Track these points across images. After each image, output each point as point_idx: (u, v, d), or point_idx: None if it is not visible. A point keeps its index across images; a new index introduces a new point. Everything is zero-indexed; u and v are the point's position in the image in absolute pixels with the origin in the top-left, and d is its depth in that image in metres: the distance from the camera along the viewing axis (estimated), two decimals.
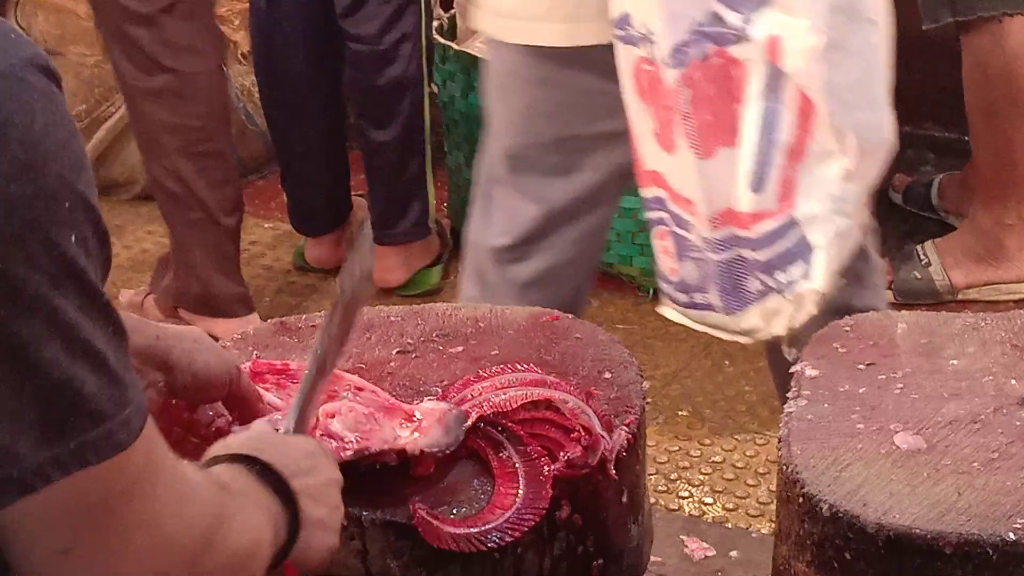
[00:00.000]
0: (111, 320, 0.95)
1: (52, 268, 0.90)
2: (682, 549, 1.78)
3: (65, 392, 0.91)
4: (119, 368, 0.95)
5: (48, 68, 0.92)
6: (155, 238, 3.69)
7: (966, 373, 1.57)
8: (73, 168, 0.91)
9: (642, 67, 1.95)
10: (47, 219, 0.89)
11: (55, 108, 0.91)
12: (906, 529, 1.32)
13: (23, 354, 0.89)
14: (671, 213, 2.00)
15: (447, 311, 1.72)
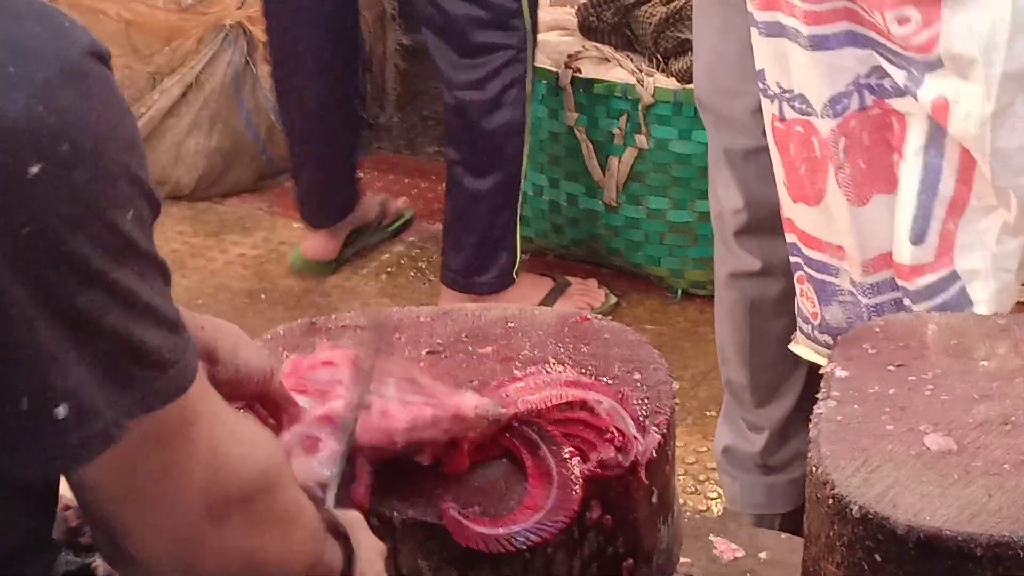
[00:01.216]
0: (163, 274, 1.04)
1: (113, 245, 0.97)
2: (711, 550, 1.78)
3: (130, 351, 0.99)
4: (173, 317, 1.03)
5: (102, 54, 0.98)
6: (184, 238, 3.70)
7: (997, 374, 1.56)
8: (127, 148, 0.99)
9: (775, 124, 1.99)
10: (107, 201, 0.97)
11: (110, 91, 0.98)
12: (936, 531, 1.32)
13: (90, 323, 0.97)
14: (807, 258, 2.03)
15: (476, 312, 1.72)
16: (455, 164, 3.20)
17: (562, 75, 3.36)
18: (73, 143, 0.94)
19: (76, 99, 0.95)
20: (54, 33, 0.96)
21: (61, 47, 0.95)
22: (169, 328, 1.03)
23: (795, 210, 2.05)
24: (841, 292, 2.04)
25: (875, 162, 1.96)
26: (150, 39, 3.80)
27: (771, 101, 2.01)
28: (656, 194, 3.34)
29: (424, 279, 3.49)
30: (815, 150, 1.98)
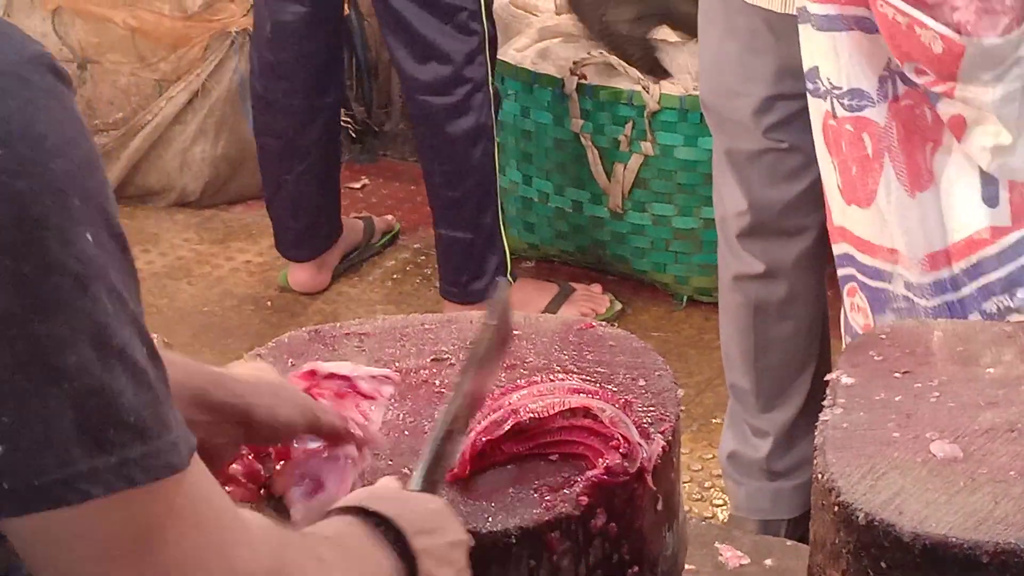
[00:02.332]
0: (143, 336, 0.89)
1: (69, 265, 0.84)
2: (716, 557, 1.78)
3: (100, 399, 0.85)
4: (160, 389, 0.89)
5: (54, 67, 0.89)
6: (190, 245, 3.70)
7: (1003, 381, 1.56)
8: (82, 166, 0.87)
9: (828, 121, 1.98)
10: (57, 215, 0.84)
11: (60, 105, 0.87)
12: (942, 538, 1.31)
13: (48, 359, 0.84)
14: (861, 266, 2.03)
15: (481, 319, 1.72)
16: (427, 174, 3.21)
17: (567, 82, 3.36)
18: (9, 150, 0.84)
19: (18, 107, 0.85)
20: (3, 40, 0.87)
21: (8, 54, 0.87)
22: (152, 395, 0.88)
23: (848, 214, 2.04)
24: (895, 299, 2.03)
25: (914, 155, 1.97)
26: (156, 46, 3.80)
27: (823, 99, 2.00)
28: (661, 201, 3.34)
29: (429, 286, 3.49)
30: (866, 148, 1.98)
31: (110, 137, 3.82)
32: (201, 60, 3.80)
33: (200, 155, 3.85)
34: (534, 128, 3.43)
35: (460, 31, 3.08)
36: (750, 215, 2.31)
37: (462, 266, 3.20)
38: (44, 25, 3.84)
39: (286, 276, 3.49)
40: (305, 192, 3.36)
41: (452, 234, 3.20)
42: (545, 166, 3.45)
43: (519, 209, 3.49)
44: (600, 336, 1.67)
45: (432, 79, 3.11)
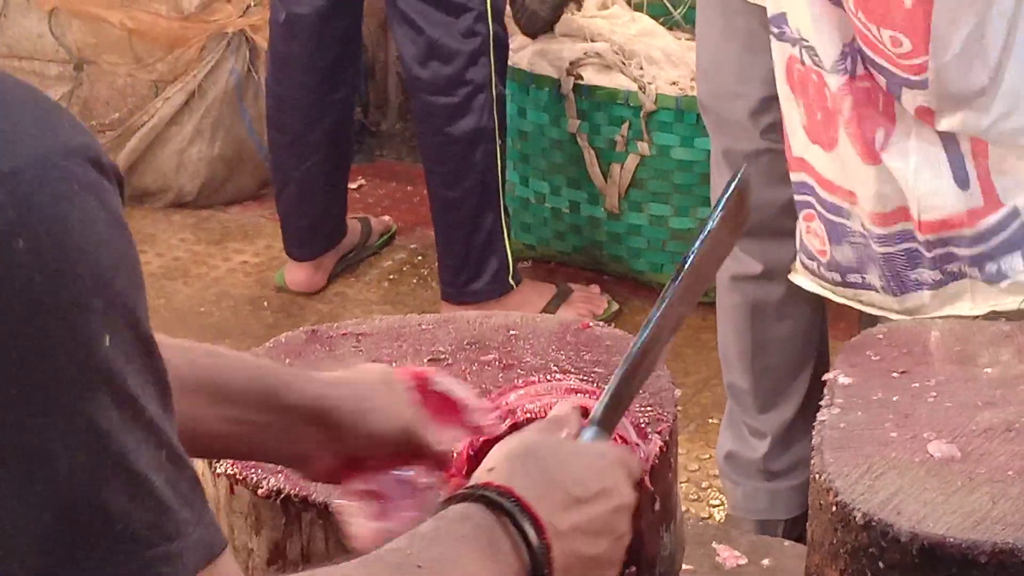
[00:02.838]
0: (163, 443, 0.85)
1: (78, 368, 0.81)
2: (714, 557, 1.78)
3: (85, 506, 0.81)
4: (168, 495, 0.84)
5: (99, 160, 0.84)
6: (187, 246, 3.70)
7: (1000, 381, 1.56)
8: (111, 267, 0.83)
9: (795, 66, 1.99)
10: (74, 315, 0.81)
11: (97, 202, 0.83)
12: (940, 538, 1.31)
13: (37, 459, 0.80)
14: (820, 199, 2.04)
15: (478, 319, 1.72)
16: (428, 173, 3.21)
17: (564, 82, 3.36)
18: (33, 244, 0.80)
19: (49, 199, 0.81)
20: (44, 128, 0.83)
21: (45, 142, 0.83)
22: (154, 503, 0.83)
23: (811, 151, 2.06)
24: (853, 234, 2.06)
25: (864, 132, 1.98)
26: (153, 47, 3.80)
27: (791, 45, 2.01)
28: (658, 201, 3.34)
29: (426, 286, 3.49)
30: (828, 101, 1.99)
31: (106, 138, 3.82)
32: (197, 61, 3.80)
33: (197, 156, 3.85)
34: (531, 128, 3.43)
35: (464, 32, 3.08)
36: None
37: (460, 267, 3.20)
38: (41, 26, 3.84)
39: (282, 276, 3.49)
40: (311, 189, 3.37)
41: (450, 234, 3.20)
42: (542, 166, 3.45)
43: (516, 209, 3.49)
44: (597, 336, 1.67)
45: (434, 78, 3.11)
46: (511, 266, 3.23)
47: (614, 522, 1.14)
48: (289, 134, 3.33)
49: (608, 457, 1.17)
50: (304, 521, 1.38)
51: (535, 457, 1.14)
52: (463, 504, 1.09)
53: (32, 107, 0.84)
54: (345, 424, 1.23)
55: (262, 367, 1.24)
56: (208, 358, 1.21)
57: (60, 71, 3.86)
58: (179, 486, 0.85)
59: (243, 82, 3.84)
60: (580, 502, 1.12)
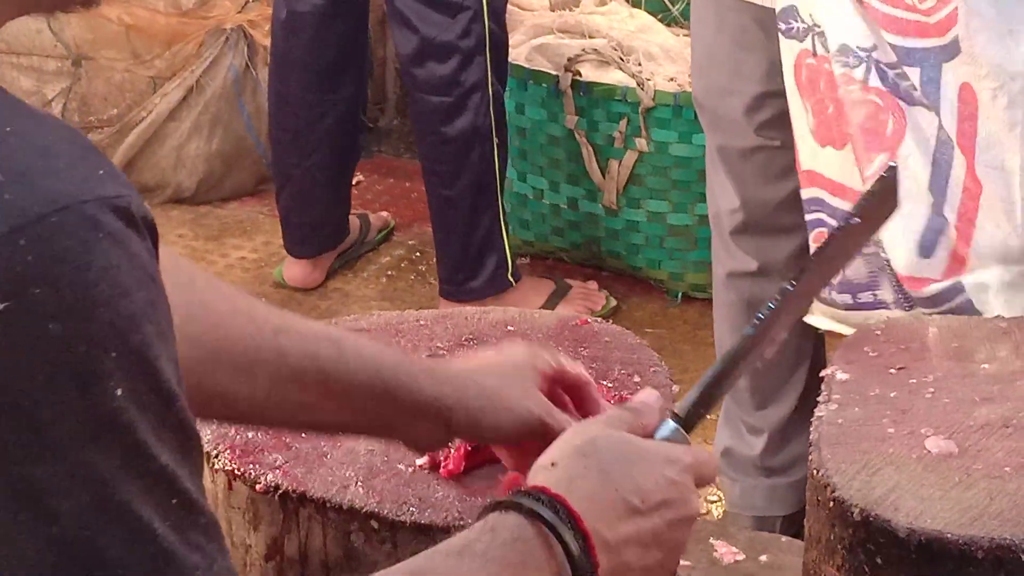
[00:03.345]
0: (170, 489, 0.85)
1: (86, 417, 0.81)
2: (712, 553, 1.78)
3: (85, 551, 0.82)
4: (173, 542, 0.84)
5: (127, 211, 0.84)
6: (185, 242, 3.70)
7: (998, 377, 1.56)
8: (132, 319, 0.82)
9: (804, 60, 1.97)
10: (87, 365, 0.81)
11: (123, 252, 0.82)
12: (938, 534, 1.31)
13: (40, 500, 0.81)
14: (832, 209, 2.01)
15: (476, 315, 1.72)
16: (425, 172, 3.20)
17: (562, 78, 3.36)
18: (52, 291, 0.80)
19: (71, 246, 0.81)
20: (75, 174, 0.83)
21: (76, 189, 0.82)
22: (155, 550, 0.83)
23: (820, 157, 2.02)
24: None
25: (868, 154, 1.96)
26: (151, 43, 3.80)
27: (800, 40, 1.99)
28: (656, 197, 3.34)
29: (424, 282, 3.49)
30: (839, 91, 1.97)
31: (104, 134, 3.82)
32: (196, 57, 3.80)
33: (195, 152, 3.85)
34: (529, 125, 3.43)
35: (460, 31, 3.08)
36: (743, 212, 2.31)
37: (459, 265, 3.20)
38: (39, 21, 3.84)
39: (281, 272, 3.49)
40: (312, 188, 3.36)
41: (449, 233, 3.20)
42: (540, 163, 3.45)
43: (514, 206, 3.49)
44: (595, 332, 1.67)
45: (429, 77, 3.11)
46: (510, 263, 3.23)
47: (672, 533, 1.11)
48: (290, 132, 3.33)
49: (679, 464, 1.14)
50: (302, 517, 1.38)
51: (598, 457, 1.11)
52: (515, 520, 1.07)
53: (68, 153, 0.84)
54: (460, 423, 1.24)
55: (382, 362, 1.24)
56: (332, 353, 1.22)
57: (58, 67, 3.86)
58: (189, 533, 0.85)
59: (241, 78, 3.84)
60: (637, 513, 1.09)
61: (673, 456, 1.14)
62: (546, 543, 1.06)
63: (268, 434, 1.45)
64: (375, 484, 1.40)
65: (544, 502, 1.07)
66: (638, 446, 1.14)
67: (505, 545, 1.05)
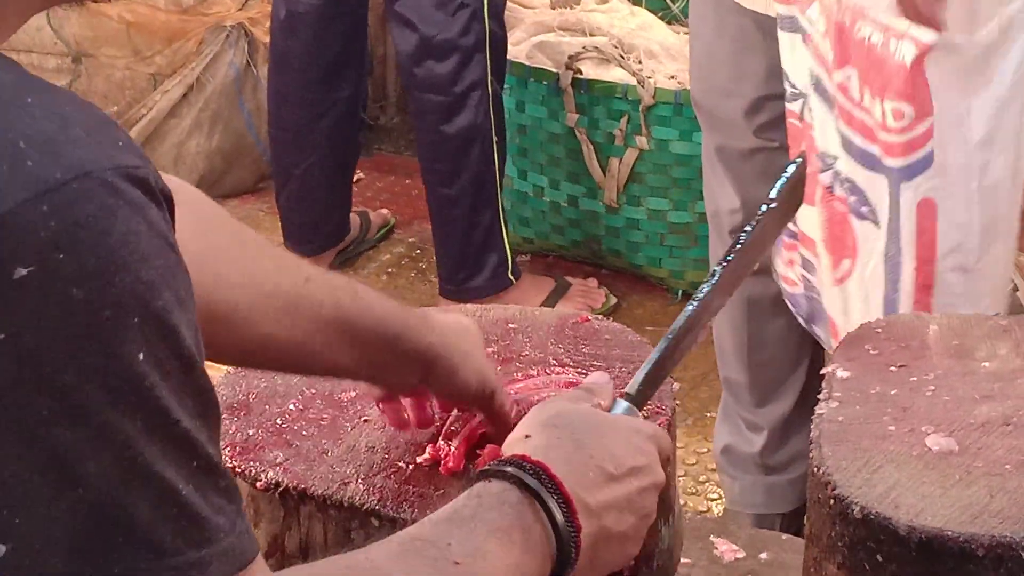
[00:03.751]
0: (192, 452, 0.86)
1: (110, 381, 0.83)
2: (712, 551, 1.78)
3: (113, 512, 0.83)
4: (198, 503, 0.86)
5: (145, 181, 0.85)
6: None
7: (998, 375, 1.56)
8: (152, 285, 0.84)
9: (790, 120, 1.99)
10: (110, 330, 0.82)
11: (142, 220, 0.84)
12: (938, 531, 1.31)
13: (64, 462, 0.82)
14: (800, 252, 2.05)
15: (477, 312, 1.72)
16: (424, 170, 3.20)
17: (563, 76, 3.36)
18: (74, 256, 0.81)
19: (93, 212, 0.82)
20: (94, 144, 0.84)
21: (96, 157, 0.83)
22: (180, 511, 0.85)
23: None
24: (813, 289, 2.05)
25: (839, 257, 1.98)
26: (151, 40, 3.80)
27: (794, 101, 2.01)
28: (656, 195, 3.34)
29: (424, 280, 3.49)
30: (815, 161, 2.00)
31: None
32: (196, 54, 3.80)
33: (195, 149, 3.85)
34: (529, 122, 3.43)
35: (460, 29, 3.08)
36: (743, 212, 2.31)
37: (459, 264, 3.20)
38: (39, 18, 3.84)
39: None
40: (312, 187, 3.36)
41: (449, 232, 3.19)
42: (540, 160, 3.45)
43: (514, 203, 3.49)
44: (596, 330, 1.67)
45: (429, 76, 3.11)
46: (510, 261, 3.23)
47: (643, 500, 1.17)
48: (290, 131, 3.33)
49: (642, 433, 1.20)
50: (302, 514, 1.38)
51: (570, 428, 1.16)
52: (500, 486, 1.11)
53: (86, 123, 0.85)
54: (439, 374, 1.31)
55: (389, 310, 1.32)
56: (350, 300, 1.29)
57: (58, 64, 3.86)
58: (211, 495, 0.87)
59: (242, 75, 3.84)
60: (613, 479, 1.14)
61: (637, 426, 1.21)
62: (532, 508, 1.10)
63: (268, 431, 1.45)
64: (375, 481, 1.40)
65: (527, 469, 1.11)
66: (604, 417, 1.21)
67: (491, 509, 1.09)
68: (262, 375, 1.57)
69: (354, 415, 1.51)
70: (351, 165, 3.46)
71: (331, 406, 1.53)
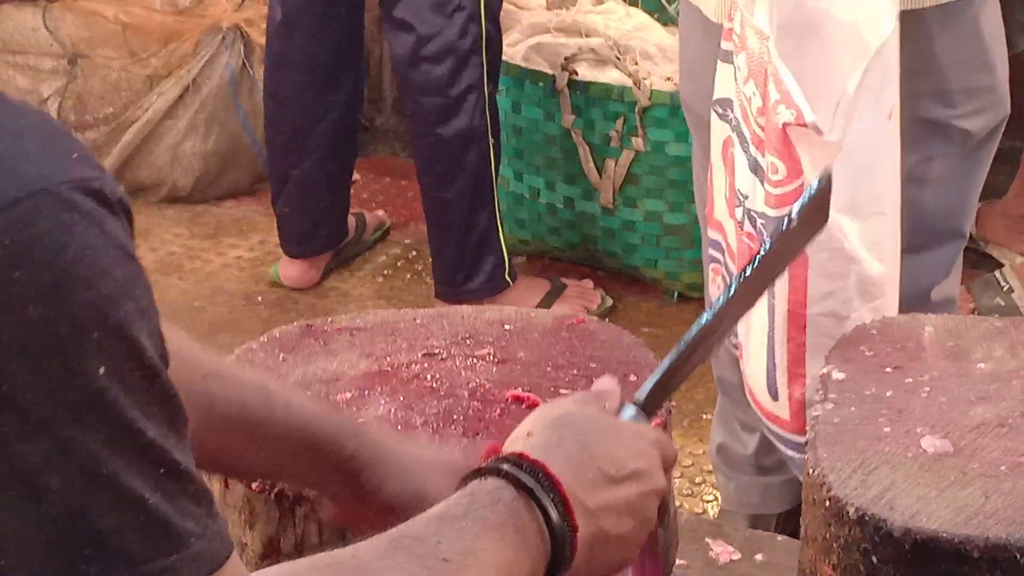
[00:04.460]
0: (158, 460, 0.87)
1: (71, 396, 0.83)
2: (707, 552, 1.78)
3: (78, 524, 0.84)
4: (166, 510, 0.86)
5: (100, 193, 0.85)
6: (181, 240, 3.70)
7: (994, 376, 1.56)
8: (111, 298, 0.84)
9: (729, 145, 2.00)
10: (69, 346, 0.83)
11: (99, 232, 0.84)
12: (933, 533, 1.31)
13: (30, 478, 0.83)
14: (727, 264, 2.05)
15: (473, 314, 1.72)
16: (421, 174, 3.20)
17: (558, 77, 3.36)
18: (30, 274, 0.81)
19: (48, 229, 0.82)
20: (48, 157, 0.84)
21: (48, 172, 0.83)
22: (148, 519, 0.86)
23: (728, 223, 2.06)
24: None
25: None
26: (147, 41, 3.80)
27: (731, 127, 2.03)
28: (653, 197, 3.34)
29: (420, 281, 3.49)
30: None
31: (100, 132, 3.82)
32: (192, 55, 3.80)
33: (191, 150, 3.85)
34: (525, 124, 3.43)
35: (457, 32, 3.08)
36: None
37: (456, 266, 3.20)
38: (35, 20, 3.83)
39: (277, 271, 3.49)
40: (309, 189, 3.36)
41: (445, 234, 3.19)
42: (536, 162, 3.45)
43: (510, 205, 3.49)
44: (592, 331, 1.67)
45: (425, 79, 3.10)
46: (507, 263, 3.23)
47: (643, 504, 1.14)
48: (287, 133, 3.33)
49: (647, 438, 1.17)
50: (298, 516, 1.38)
51: (573, 428, 1.14)
52: (495, 483, 1.09)
53: (40, 136, 0.85)
54: (365, 491, 1.27)
55: (309, 415, 1.27)
56: (261, 402, 1.25)
57: (54, 65, 3.85)
58: (180, 500, 0.87)
59: (238, 77, 3.84)
60: (613, 481, 1.12)
61: (641, 432, 1.18)
62: (527, 506, 1.08)
63: None
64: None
65: (524, 467, 1.09)
66: (609, 420, 1.18)
67: (485, 507, 1.07)
68: None
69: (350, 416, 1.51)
70: (349, 167, 3.46)
71: None
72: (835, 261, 1.88)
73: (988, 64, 2.08)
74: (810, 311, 1.90)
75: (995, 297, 3.18)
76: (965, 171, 2.11)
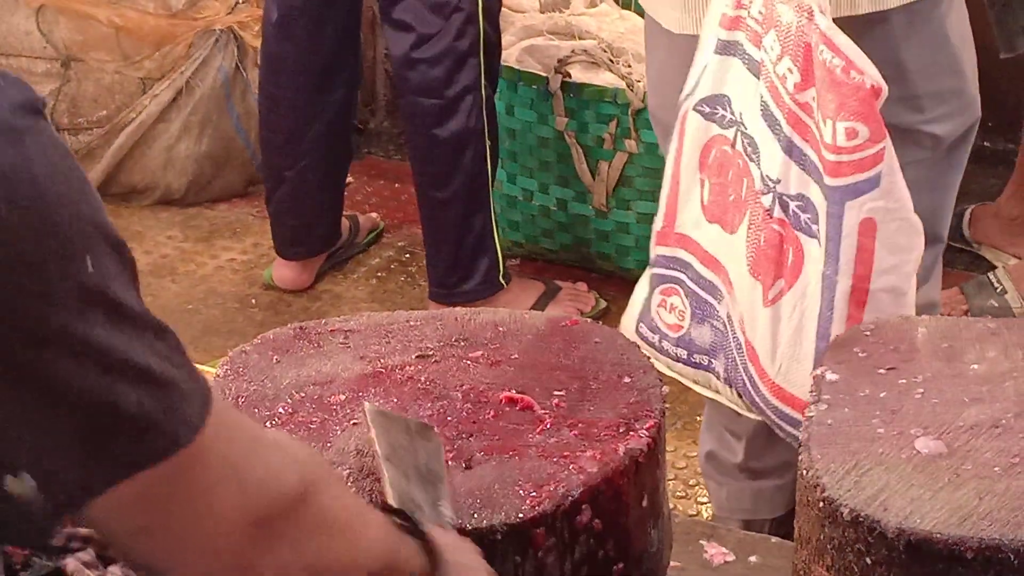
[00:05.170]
0: (147, 325, 0.97)
1: (73, 299, 0.91)
2: (701, 554, 1.78)
3: (107, 413, 0.93)
4: (165, 370, 0.97)
5: (35, 105, 0.94)
6: (175, 243, 3.70)
7: (987, 377, 1.56)
8: (76, 196, 0.93)
9: (718, 146, 1.96)
10: (60, 255, 0.91)
11: (49, 141, 0.92)
12: (927, 534, 1.32)
13: (57, 388, 0.91)
14: (695, 275, 2.01)
15: (466, 316, 1.72)
16: (416, 174, 3.19)
17: (552, 80, 3.36)
18: (8, 199, 0.89)
19: (11, 156, 0.90)
20: None
21: None
22: (156, 384, 0.96)
23: (704, 229, 2.02)
24: (717, 318, 2.02)
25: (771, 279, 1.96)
26: (140, 44, 3.79)
27: (721, 127, 1.99)
28: (646, 199, 3.34)
29: (414, 284, 3.49)
30: (744, 190, 1.97)
31: (94, 135, 3.81)
32: (185, 58, 3.79)
33: (184, 153, 3.85)
34: (518, 126, 3.43)
35: (454, 33, 3.07)
36: None
37: (451, 268, 3.19)
38: (28, 22, 3.83)
39: (271, 274, 3.48)
40: (304, 190, 3.35)
41: (440, 235, 3.19)
42: (529, 164, 3.45)
43: (504, 207, 3.49)
44: (586, 333, 1.67)
45: (422, 80, 3.10)
46: (501, 265, 3.23)
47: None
48: (282, 134, 3.32)
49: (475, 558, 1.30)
50: None
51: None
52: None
53: None
54: None
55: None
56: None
57: (48, 68, 3.85)
58: (170, 356, 0.98)
59: (231, 79, 3.83)
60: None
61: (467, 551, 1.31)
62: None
63: None
64: (365, 485, 1.40)
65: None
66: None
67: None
68: (251, 379, 1.57)
69: (343, 418, 1.51)
70: (343, 169, 3.46)
71: (321, 409, 1.53)
72: (903, 232, 1.86)
73: (956, 67, 2.06)
74: (873, 285, 1.87)
75: (988, 299, 3.18)
76: (937, 176, 2.10)
